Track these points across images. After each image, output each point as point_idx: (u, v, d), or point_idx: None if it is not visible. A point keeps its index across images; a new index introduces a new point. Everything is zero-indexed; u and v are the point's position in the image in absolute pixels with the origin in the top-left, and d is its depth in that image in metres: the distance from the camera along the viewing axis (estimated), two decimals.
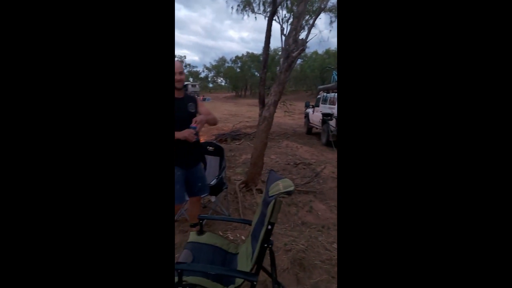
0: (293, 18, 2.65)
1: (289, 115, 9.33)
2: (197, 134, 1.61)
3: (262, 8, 7.52)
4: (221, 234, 2.07)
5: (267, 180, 1.29)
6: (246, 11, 8.19)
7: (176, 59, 1.67)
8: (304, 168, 4.09)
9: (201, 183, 1.84)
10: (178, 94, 1.67)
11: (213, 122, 1.81)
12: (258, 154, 2.86)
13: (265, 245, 1.05)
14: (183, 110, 1.64)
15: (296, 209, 2.59)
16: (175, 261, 1.17)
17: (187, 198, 1.86)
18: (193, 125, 1.59)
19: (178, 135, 1.55)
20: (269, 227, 1.03)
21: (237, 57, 33.34)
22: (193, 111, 1.70)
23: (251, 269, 1.09)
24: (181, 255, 1.27)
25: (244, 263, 1.21)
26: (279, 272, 1.57)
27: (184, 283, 1.06)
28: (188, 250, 1.31)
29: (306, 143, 6.35)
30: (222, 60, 36.43)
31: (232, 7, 12.24)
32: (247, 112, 14.13)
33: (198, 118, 1.64)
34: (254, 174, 2.94)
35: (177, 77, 1.59)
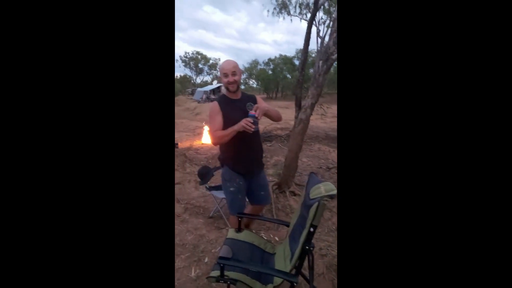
0: (334, 20, 2.61)
1: (321, 118, 9.13)
2: (256, 123, 1.35)
3: (298, 10, 7.48)
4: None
5: (306, 183, 1.29)
6: (281, 13, 8.20)
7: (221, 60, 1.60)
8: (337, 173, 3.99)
9: (264, 191, 1.68)
10: (234, 96, 1.52)
11: (276, 115, 1.55)
12: (293, 156, 2.85)
13: (307, 247, 1.05)
14: (241, 111, 1.47)
15: (330, 214, 2.54)
16: (218, 255, 1.21)
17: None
18: (251, 113, 1.35)
19: (235, 127, 1.36)
20: (311, 229, 1.03)
21: (269, 59, 33.39)
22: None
23: (290, 270, 1.10)
24: (222, 250, 1.32)
25: (282, 264, 1.22)
26: (314, 276, 1.56)
27: (225, 277, 1.11)
28: (228, 246, 1.35)
29: None
30: (255, 63, 36.66)
31: (268, 10, 12.36)
32: None
33: (256, 105, 1.41)
34: (288, 176, 2.93)
35: (229, 79, 1.43)
